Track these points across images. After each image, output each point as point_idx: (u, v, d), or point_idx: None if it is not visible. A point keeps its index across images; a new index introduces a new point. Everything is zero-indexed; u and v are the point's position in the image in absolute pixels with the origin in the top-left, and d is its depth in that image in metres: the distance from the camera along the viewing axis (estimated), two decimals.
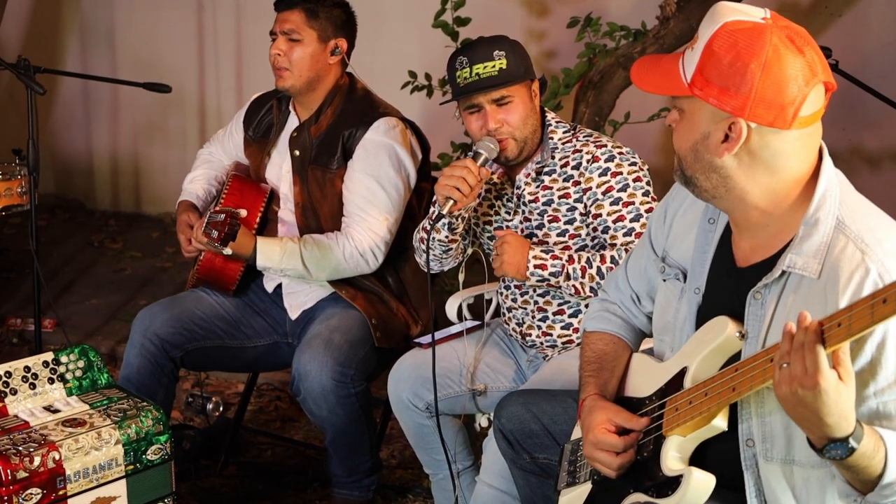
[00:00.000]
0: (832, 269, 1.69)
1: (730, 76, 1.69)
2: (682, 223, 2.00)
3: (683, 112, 1.78)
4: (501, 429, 2.39)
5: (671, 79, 1.76)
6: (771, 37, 1.69)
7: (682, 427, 1.82)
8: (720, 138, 1.73)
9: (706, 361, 1.83)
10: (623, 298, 2.22)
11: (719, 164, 1.74)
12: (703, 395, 1.78)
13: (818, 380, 1.52)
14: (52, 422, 2.44)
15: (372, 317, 3.00)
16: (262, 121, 3.20)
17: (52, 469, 2.33)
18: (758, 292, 1.77)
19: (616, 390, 2.09)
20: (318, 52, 2.98)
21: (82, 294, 5.00)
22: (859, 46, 4.63)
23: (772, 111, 1.68)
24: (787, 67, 1.68)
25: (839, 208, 1.74)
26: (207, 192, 3.28)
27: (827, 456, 1.59)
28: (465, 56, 2.61)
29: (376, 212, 2.96)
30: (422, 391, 2.74)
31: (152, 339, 3.01)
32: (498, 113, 2.61)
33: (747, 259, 1.84)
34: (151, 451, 2.51)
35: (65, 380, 2.59)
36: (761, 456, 1.78)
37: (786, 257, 1.73)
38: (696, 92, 1.72)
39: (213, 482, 3.36)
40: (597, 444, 1.96)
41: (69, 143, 6.50)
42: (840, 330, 1.52)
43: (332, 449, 3.01)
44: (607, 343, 2.17)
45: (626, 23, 4.16)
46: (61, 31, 6.37)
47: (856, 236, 1.70)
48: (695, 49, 1.74)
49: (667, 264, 2.01)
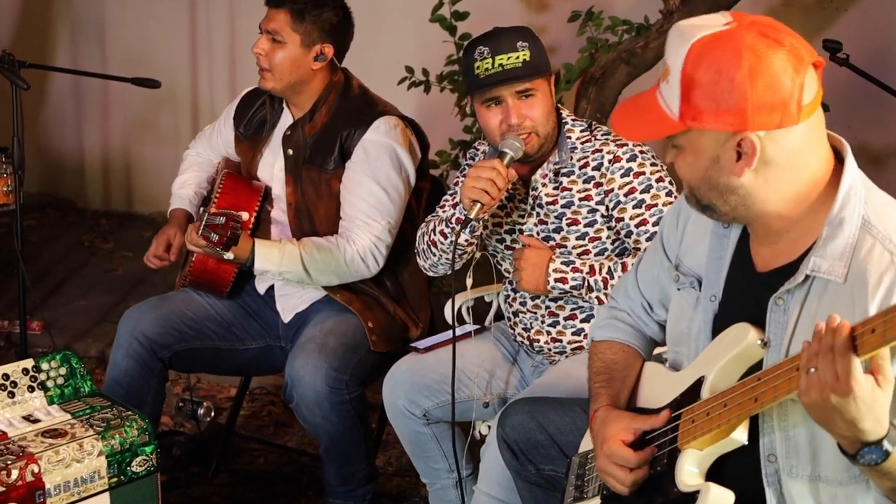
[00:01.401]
0: (859, 271, 1.60)
1: (719, 96, 1.59)
2: (696, 228, 1.91)
3: (682, 148, 1.68)
4: (506, 438, 2.29)
5: (658, 120, 1.66)
6: (744, 39, 1.59)
7: (698, 440, 1.73)
8: (733, 158, 1.63)
9: (725, 370, 1.74)
10: (633, 306, 2.12)
11: (737, 184, 1.65)
12: (721, 406, 1.69)
13: (852, 385, 1.44)
14: (31, 432, 2.36)
15: (368, 321, 2.92)
16: (254, 117, 3.11)
17: (31, 482, 2.24)
18: (780, 298, 1.68)
19: (628, 401, 2.00)
20: (299, 57, 2.88)
21: (72, 295, 4.91)
22: (865, 41, 4.55)
23: (776, 113, 1.59)
24: (773, 64, 1.58)
25: (864, 207, 1.65)
26: (200, 197, 3.20)
27: (861, 462, 1.51)
28: (486, 46, 2.48)
29: (378, 215, 2.88)
30: (418, 398, 2.65)
31: (140, 339, 2.93)
32: (521, 107, 2.49)
33: (767, 264, 1.75)
34: (136, 463, 2.41)
35: (46, 388, 2.50)
36: (784, 472, 1.69)
37: (809, 260, 1.65)
38: (689, 124, 1.62)
39: (204, 490, 3.29)
40: (611, 457, 1.86)
41: (60, 140, 6.44)
42: (874, 336, 1.43)
43: (327, 457, 2.93)
44: (616, 352, 2.08)
45: (629, 17, 4.10)
46: (52, 27, 6.30)
47: (884, 236, 1.62)
48: (670, 81, 1.64)
49: (681, 272, 1.92)
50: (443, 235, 2.65)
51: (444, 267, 2.74)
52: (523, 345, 2.74)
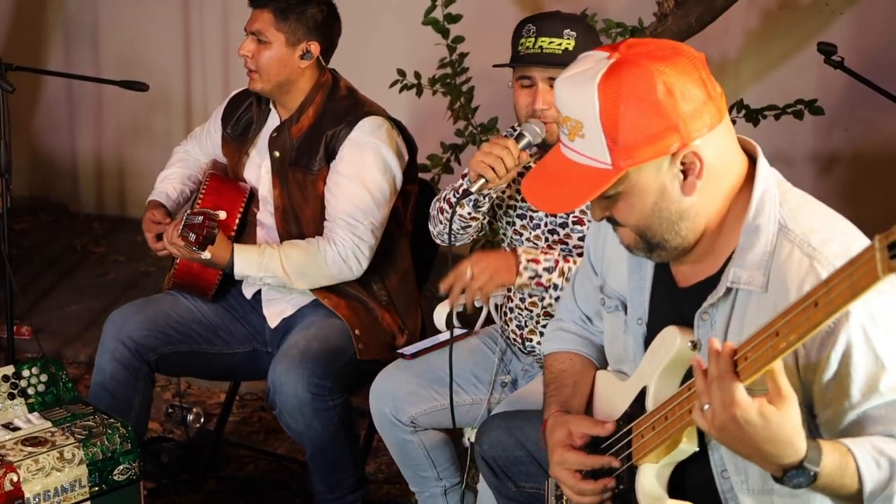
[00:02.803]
0: (779, 279, 1.57)
1: (647, 123, 1.53)
2: (615, 246, 1.83)
3: (621, 195, 1.60)
4: (483, 455, 2.26)
5: (586, 178, 1.58)
6: (642, 63, 1.55)
7: (651, 454, 1.70)
8: (680, 180, 1.59)
9: (665, 378, 1.71)
10: (574, 319, 2.10)
11: (687, 205, 1.61)
12: (664, 419, 1.66)
13: (734, 411, 1.40)
14: (10, 441, 2.33)
15: (355, 327, 2.89)
16: (242, 118, 3.08)
17: (10, 492, 2.22)
18: (705, 313, 1.65)
19: (583, 408, 1.96)
20: (285, 56, 2.85)
21: (63, 299, 4.88)
22: (861, 44, 4.53)
23: (703, 116, 1.56)
24: (680, 73, 1.55)
25: (780, 210, 1.61)
26: (180, 192, 3.16)
27: (791, 485, 1.46)
28: (535, 25, 2.46)
29: (361, 215, 2.84)
30: (405, 405, 2.62)
31: (125, 342, 2.90)
32: (550, 94, 2.44)
33: (688, 278, 1.72)
34: (118, 472, 2.39)
35: (26, 395, 2.48)
36: (739, 488, 1.66)
37: (729, 272, 1.61)
38: (624, 165, 1.55)
39: (193, 498, 3.26)
40: (562, 464, 1.83)
41: (52, 144, 6.41)
42: (748, 364, 1.41)
43: (313, 464, 2.90)
44: (563, 361, 2.05)
45: (623, 19, 4.06)
46: (45, 30, 6.28)
47: (801, 240, 1.58)
48: (586, 134, 1.56)
49: (605, 295, 1.89)
50: (449, 204, 2.62)
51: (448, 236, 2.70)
52: (515, 343, 2.71)
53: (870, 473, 1.48)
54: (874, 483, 1.48)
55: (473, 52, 4.00)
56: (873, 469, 1.48)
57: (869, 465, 1.48)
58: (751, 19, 4.73)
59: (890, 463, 1.49)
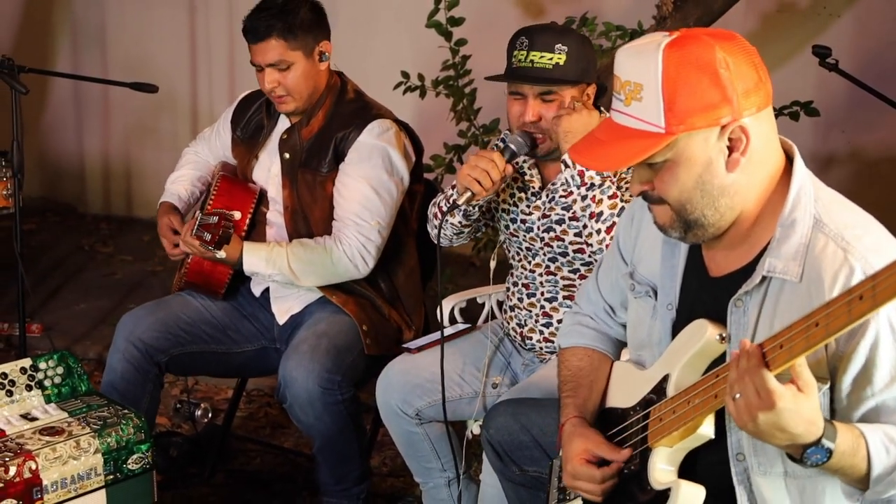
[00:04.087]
0: (814, 270, 1.63)
1: (705, 91, 1.61)
2: (648, 237, 1.92)
3: (668, 163, 1.66)
4: (490, 440, 2.33)
5: (639, 141, 1.64)
6: (705, 39, 1.63)
7: (667, 437, 1.76)
8: (725, 155, 1.65)
9: (688, 367, 1.77)
10: (596, 310, 2.15)
11: (729, 182, 1.67)
12: (686, 404, 1.72)
13: (774, 400, 1.49)
14: (29, 430, 2.38)
15: (363, 323, 2.94)
16: (251, 120, 3.13)
17: (29, 479, 2.27)
18: (739, 300, 1.71)
19: (598, 405, 2.03)
20: (309, 67, 2.89)
21: (71, 299, 4.94)
22: (858, 47, 4.59)
23: (755, 95, 1.64)
24: (738, 52, 1.63)
25: (815, 206, 1.68)
26: (191, 194, 3.21)
27: (808, 463, 1.55)
28: (527, 38, 2.49)
29: (368, 216, 2.89)
30: (411, 397, 2.68)
31: (136, 344, 2.94)
32: (539, 108, 2.50)
33: (721, 268, 1.78)
34: (132, 461, 2.44)
35: (43, 387, 2.53)
36: (754, 470, 1.72)
37: (765, 262, 1.68)
38: (677, 130, 1.61)
39: (201, 490, 3.31)
40: (575, 476, 1.91)
41: (60, 145, 6.46)
42: (782, 352, 1.49)
43: (321, 457, 2.96)
44: (581, 358, 2.10)
45: (622, 22, 4.11)
46: (53, 33, 6.33)
47: (835, 234, 1.65)
48: (644, 97, 1.63)
49: (636, 281, 1.95)
50: (440, 211, 2.69)
51: (444, 241, 2.76)
52: (515, 340, 2.77)
53: (879, 458, 1.56)
54: (882, 467, 1.57)
55: (476, 54, 4.05)
56: (882, 454, 1.57)
57: (879, 450, 1.56)
58: (749, 22, 4.78)
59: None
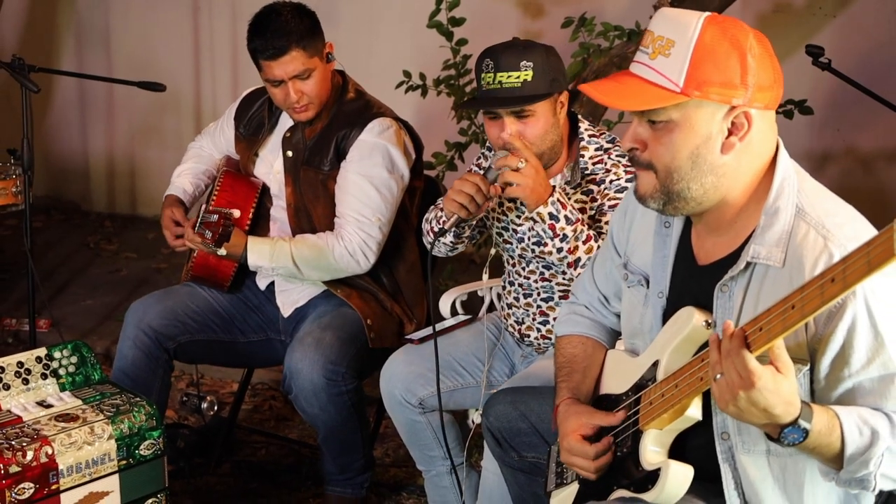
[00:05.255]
0: (796, 256, 1.70)
1: (730, 67, 1.67)
2: (641, 229, 1.99)
3: (669, 123, 1.72)
4: (489, 427, 2.39)
5: (653, 93, 1.70)
6: (745, 27, 1.71)
7: (657, 420, 1.83)
8: (724, 135, 1.71)
9: (677, 353, 1.84)
10: (591, 300, 2.22)
11: (720, 163, 1.73)
12: (674, 387, 1.79)
13: (753, 380, 1.55)
14: (44, 417, 2.45)
15: (367, 317, 3.00)
16: (254, 118, 3.18)
17: (45, 464, 2.33)
18: (724, 285, 1.78)
19: (591, 390, 2.10)
20: (324, 70, 2.96)
21: (77, 295, 4.99)
22: (853, 47, 4.64)
23: (769, 92, 1.71)
24: (767, 48, 1.71)
25: (798, 196, 1.75)
26: (196, 187, 3.27)
27: (786, 443, 1.62)
28: (492, 60, 2.51)
29: (369, 212, 2.95)
30: (414, 387, 2.74)
31: (146, 331, 3.01)
32: (516, 125, 2.52)
33: (709, 257, 1.85)
34: (144, 447, 2.51)
35: (58, 375, 2.59)
36: (738, 449, 1.79)
37: (749, 248, 1.74)
38: (691, 93, 1.68)
39: (208, 480, 3.37)
40: (571, 451, 1.98)
41: (65, 144, 6.50)
42: (762, 334, 1.56)
43: (325, 446, 3.02)
44: (576, 346, 2.18)
45: (621, 22, 4.16)
46: (57, 32, 6.37)
47: (816, 222, 1.72)
48: (672, 53, 1.69)
49: (629, 271, 2.02)
50: (433, 233, 2.75)
51: (440, 254, 2.82)
52: (514, 335, 2.83)
53: (852, 438, 1.63)
54: (855, 447, 1.63)
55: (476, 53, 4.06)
56: (856, 435, 1.63)
57: (852, 431, 1.63)
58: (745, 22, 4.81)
59: (872, 432, 1.64)
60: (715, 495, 1.83)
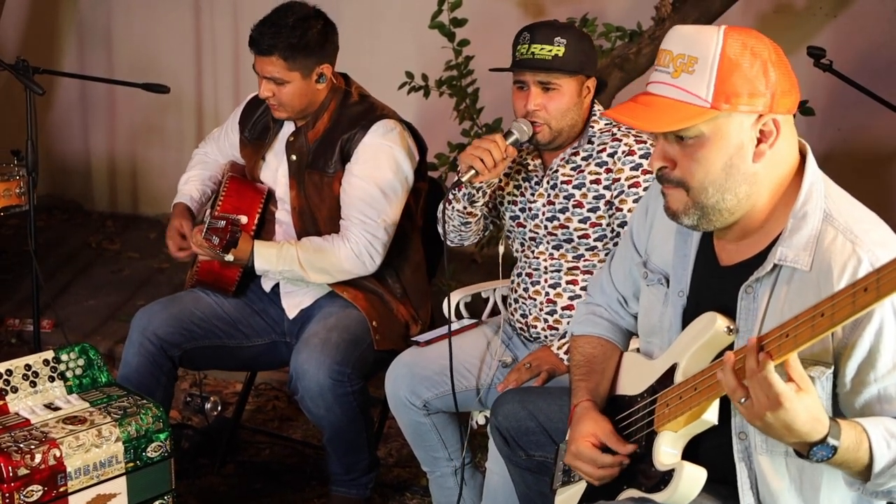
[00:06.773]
0: (823, 260, 1.71)
1: (755, 78, 1.69)
2: (662, 228, 2.00)
3: (700, 138, 1.73)
4: (498, 426, 2.40)
5: (682, 111, 1.71)
6: (762, 37, 1.73)
7: (673, 422, 1.84)
8: (754, 144, 1.73)
9: (696, 357, 1.85)
10: (609, 301, 2.23)
11: (753, 171, 1.75)
12: (692, 390, 1.80)
13: (782, 402, 1.56)
14: (52, 419, 2.46)
15: (373, 319, 3.01)
16: (258, 122, 3.19)
17: (53, 466, 2.34)
18: (749, 286, 1.79)
19: (608, 392, 2.11)
20: (304, 87, 2.95)
21: (80, 295, 5.00)
22: (853, 47, 4.65)
23: (791, 97, 1.73)
24: (782, 58, 1.73)
25: (825, 201, 1.77)
26: (202, 193, 3.28)
27: (814, 460, 1.62)
28: (529, 33, 2.61)
29: (374, 214, 2.96)
30: (419, 389, 2.75)
31: (151, 339, 3.01)
32: (540, 97, 2.61)
33: (732, 258, 1.86)
34: (151, 449, 2.52)
35: (65, 378, 2.60)
36: (755, 449, 1.80)
37: (776, 251, 1.75)
38: (723, 107, 1.69)
39: (212, 481, 3.38)
40: (578, 456, 1.99)
41: (67, 144, 6.51)
42: (787, 340, 1.56)
43: (330, 447, 3.03)
44: (595, 346, 2.19)
45: (622, 23, 4.18)
46: (59, 33, 6.38)
47: (844, 228, 1.73)
48: (696, 70, 1.70)
49: (649, 269, 2.03)
50: (447, 200, 2.80)
51: (454, 234, 2.86)
52: (521, 333, 2.84)
53: (881, 452, 1.64)
54: (884, 461, 1.64)
55: (478, 54, 4.11)
56: (884, 448, 1.64)
57: (880, 445, 1.64)
58: (746, 23, 4.83)
59: None
60: (725, 497, 1.85)
